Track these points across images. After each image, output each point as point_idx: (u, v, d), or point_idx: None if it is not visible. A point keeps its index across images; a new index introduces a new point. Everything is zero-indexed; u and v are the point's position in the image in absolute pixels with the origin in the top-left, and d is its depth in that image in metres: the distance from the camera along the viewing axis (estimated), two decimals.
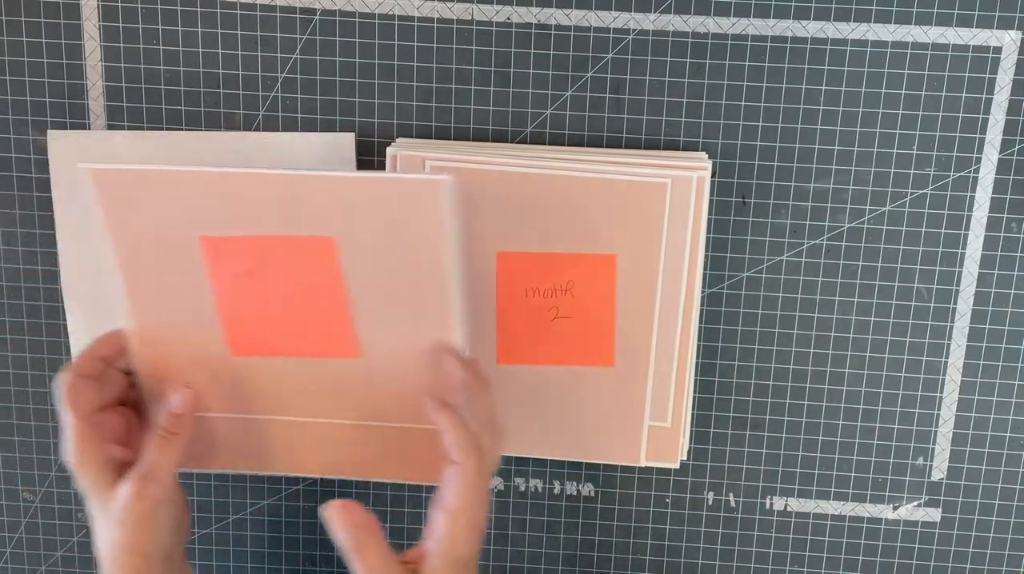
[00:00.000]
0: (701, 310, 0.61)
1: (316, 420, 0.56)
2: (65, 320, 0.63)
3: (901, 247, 0.61)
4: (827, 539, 0.66)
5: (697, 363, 0.62)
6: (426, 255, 0.51)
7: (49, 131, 0.60)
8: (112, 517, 0.50)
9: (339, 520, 0.49)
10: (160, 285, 0.53)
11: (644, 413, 0.60)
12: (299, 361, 0.54)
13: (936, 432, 0.64)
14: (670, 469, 0.64)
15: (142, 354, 0.54)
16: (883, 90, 0.59)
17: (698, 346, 0.62)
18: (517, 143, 0.60)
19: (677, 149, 0.60)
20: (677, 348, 0.59)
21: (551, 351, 0.60)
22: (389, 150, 0.57)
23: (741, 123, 0.60)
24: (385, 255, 0.51)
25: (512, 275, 0.58)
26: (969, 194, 0.60)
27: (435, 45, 0.59)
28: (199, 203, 0.50)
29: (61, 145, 0.60)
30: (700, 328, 0.62)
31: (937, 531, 0.65)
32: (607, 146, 0.60)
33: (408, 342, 0.53)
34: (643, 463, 0.62)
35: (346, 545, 0.49)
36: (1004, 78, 0.58)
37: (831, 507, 0.65)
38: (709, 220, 0.60)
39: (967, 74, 0.58)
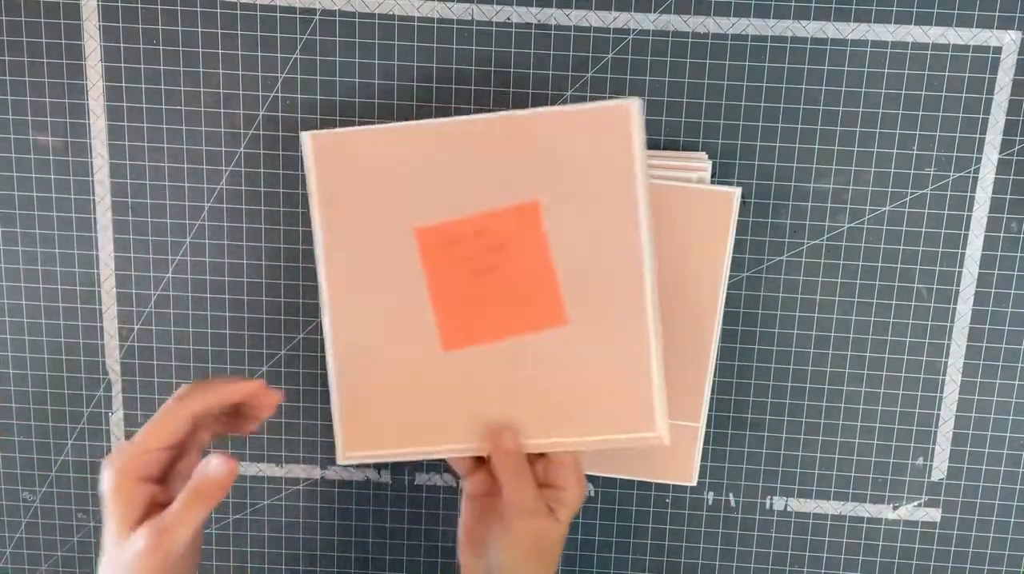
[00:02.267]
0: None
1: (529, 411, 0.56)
2: (64, 319, 0.63)
3: (901, 247, 0.61)
4: (827, 539, 0.66)
5: None
6: (619, 191, 0.52)
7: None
8: (120, 561, 0.48)
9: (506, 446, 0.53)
10: (367, 280, 0.54)
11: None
12: (510, 343, 0.55)
13: (936, 432, 0.64)
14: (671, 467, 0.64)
15: (338, 356, 0.55)
16: (883, 90, 0.59)
17: None
18: None
19: (677, 149, 0.60)
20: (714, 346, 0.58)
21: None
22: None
23: (741, 123, 0.60)
24: (581, 203, 0.53)
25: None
26: (969, 194, 0.60)
27: (435, 45, 0.59)
28: (410, 189, 0.53)
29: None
30: None
31: (937, 531, 0.65)
32: None
33: (609, 294, 0.54)
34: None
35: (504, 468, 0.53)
36: (1004, 78, 0.58)
37: (831, 507, 0.65)
38: None
39: (967, 74, 0.58)
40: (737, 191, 0.55)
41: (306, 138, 0.54)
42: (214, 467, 0.48)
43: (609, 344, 0.54)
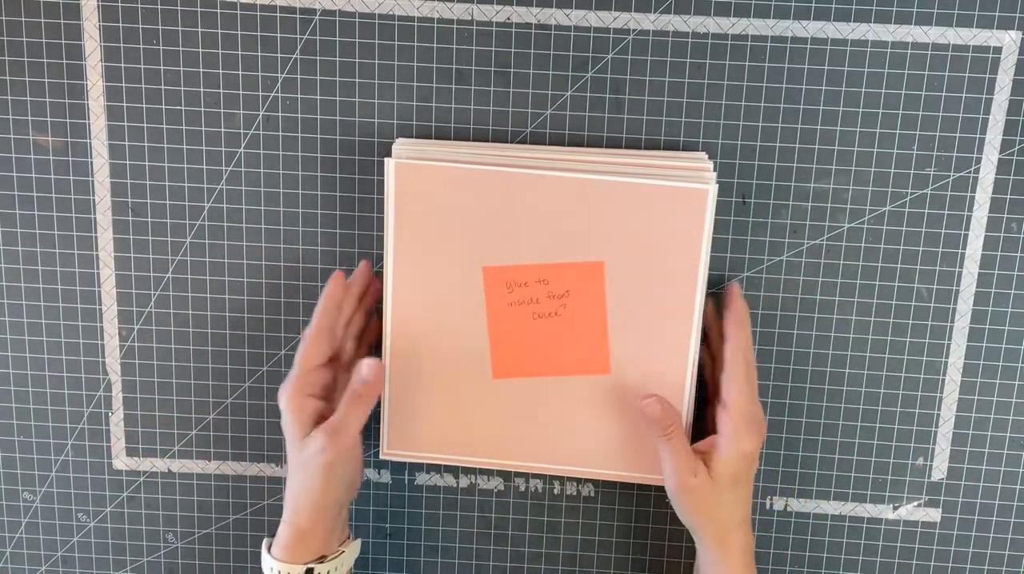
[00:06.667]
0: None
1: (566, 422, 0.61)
2: (64, 319, 0.63)
3: (901, 247, 0.61)
4: (827, 539, 0.66)
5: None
6: (682, 265, 0.56)
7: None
8: (300, 462, 0.55)
9: (656, 407, 0.56)
10: (430, 303, 0.58)
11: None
12: (554, 380, 0.60)
13: (936, 432, 0.64)
14: None
15: (394, 364, 0.60)
16: (883, 90, 0.59)
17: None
18: (517, 143, 0.60)
19: (677, 149, 0.60)
20: (691, 357, 0.59)
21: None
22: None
23: (741, 123, 0.60)
24: (644, 270, 0.57)
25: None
26: (969, 194, 0.60)
27: (435, 45, 0.59)
28: (483, 228, 0.57)
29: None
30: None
31: (937, 531, 0.65)
32: (607, 146, 0.60)
33: (653, 355, 0.58)
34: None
35: (657, 426, 0.56)
36: (1004, 78, 0.58)
37: (831, 507, 0.65)
38: None
39: (967, 74, 0.58)
40: (713, 188, 0.55)
41: (390, 164, 0.56)
42: (365, 370, 0.56)
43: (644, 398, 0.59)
